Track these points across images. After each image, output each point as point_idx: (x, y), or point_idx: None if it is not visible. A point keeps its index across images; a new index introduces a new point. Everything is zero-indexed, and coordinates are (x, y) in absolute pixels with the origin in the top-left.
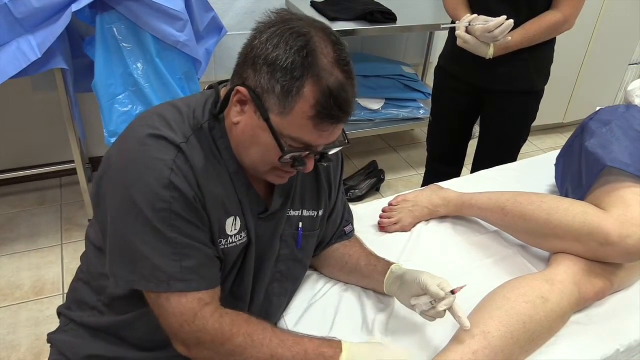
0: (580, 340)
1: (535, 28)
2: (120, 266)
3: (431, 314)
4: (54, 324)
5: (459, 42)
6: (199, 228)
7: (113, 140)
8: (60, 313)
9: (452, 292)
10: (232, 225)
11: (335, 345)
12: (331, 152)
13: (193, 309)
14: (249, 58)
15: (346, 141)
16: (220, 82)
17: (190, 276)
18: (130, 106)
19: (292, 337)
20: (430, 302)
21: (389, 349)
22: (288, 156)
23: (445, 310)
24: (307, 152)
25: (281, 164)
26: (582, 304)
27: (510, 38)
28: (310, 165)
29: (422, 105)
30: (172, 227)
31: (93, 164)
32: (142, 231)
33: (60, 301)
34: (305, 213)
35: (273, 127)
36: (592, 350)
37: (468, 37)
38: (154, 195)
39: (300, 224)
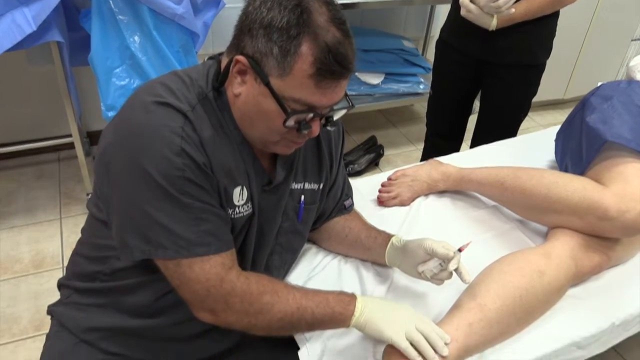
0: (576, 314)
1: (539, 0)
2: (133, 237)
3: (440, 277)
4: (54, 296)
5: (463, 12)
6: (211, 194)
7: (111, 114)
8: (60, 285)
9: (459, 250)
10: (240, 195)
11: (350, 294)
12: (337, 116)
13: (218, 274)
14: (244, 26)
15: (350, 104)
16: (221, 53)
17: (209, 239)
18: (127, 80)
19: (311, 290)
20: (440, 264)
21: (399, 305)
22: (292, 120)
23: (452, 272)
24: (312, 115)
25: (287, 131)
26: (578, 277)
27: (513, 10)
28: (316, 129)
29: (422, 80)
30: (185, 193)
31: (91, 138)
32: (156, 199)
33: (59, 274)
34: (307, 186)
35: (274, 90)
36: (587, 324)
37: (472, 6)
38: (167, 162)
39: (302, 196)
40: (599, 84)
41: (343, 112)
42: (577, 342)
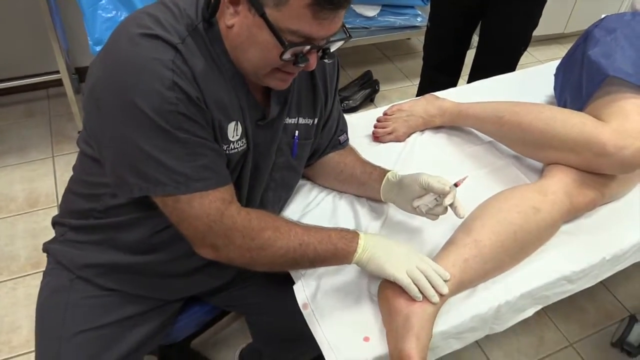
0: (568, 249)
1: None
2: (130, 174)
3: (435, 212)
4: (51, 235)
5: None
6: (205, 129)
7: (98, 48)
8: (55, 223)
9: (455, 185)
10: (234, 131)
11: (352, 231)
12: (334, 47)
13: (218, 208)
14: None
15: (347, 35)
16: None
17: (207, 174)
18: (114, 12)
19: (313, 226)
20: (435, 198)
21: (399, 243)
22: (289, 52)
23: (447, 207)
24: (309, 47)
25: (282, 63)
26: (572, 214)
27: None
28: (313, 62)
29: (420, 13)
30: (180, 129)
31: (80, 74)
32: (150, 136)
33: (55, 212)
34: (301, 121)
35: (270, 21)
36: (579, 258)
37: None
38: (159, 97)
39: (296, 131)
40: (603, 15)
41: (340, 43)
42: (568, 277)
